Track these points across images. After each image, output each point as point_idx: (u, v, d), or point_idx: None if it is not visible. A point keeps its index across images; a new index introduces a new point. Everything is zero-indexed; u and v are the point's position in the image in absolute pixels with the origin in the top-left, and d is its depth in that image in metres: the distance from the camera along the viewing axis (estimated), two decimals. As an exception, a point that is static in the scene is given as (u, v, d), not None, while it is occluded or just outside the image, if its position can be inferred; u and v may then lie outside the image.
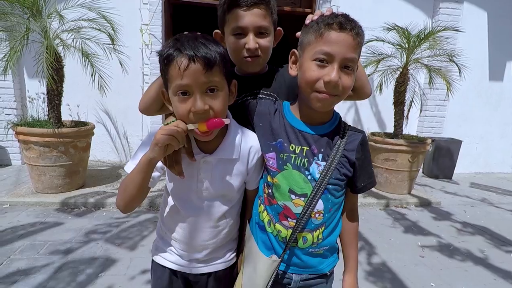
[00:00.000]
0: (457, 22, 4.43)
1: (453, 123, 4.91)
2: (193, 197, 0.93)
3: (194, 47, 0.76)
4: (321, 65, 0.82)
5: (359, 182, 0.96)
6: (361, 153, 0.93)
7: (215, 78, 0.79)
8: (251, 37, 0.99)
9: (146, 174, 0.83)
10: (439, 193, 4.06)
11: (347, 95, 0.88)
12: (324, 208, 0.91)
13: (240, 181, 0.95)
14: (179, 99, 0.80)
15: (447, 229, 3.05)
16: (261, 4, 0.98)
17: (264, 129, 0.96)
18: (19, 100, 4.07)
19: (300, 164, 0.91)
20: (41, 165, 3.01)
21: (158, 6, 4.06)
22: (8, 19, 2.79)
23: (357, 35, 0.81)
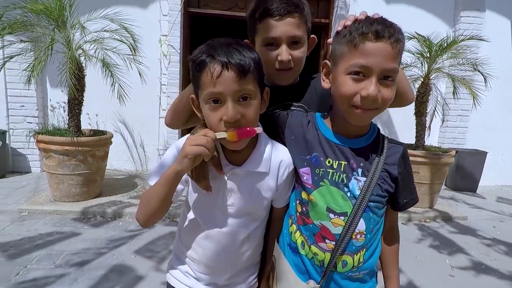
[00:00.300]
0: (479, 30, 4.30)
1: (476, 134, 4.73)
2: (217, 213, 0.86)
3: (228, 53, 0.72)
4: (357, 79, 0.75)
5: (401, 199, 0.88)
6: (403, 167, 0.86)
7: (248, 86, 0.74)
8: (284, 49, 0.93)
9: (172, 188, 0.78)
10: (464, 207, 3.87)
11: (386, 107, 0.80)
12: (366, 228, 0.83)
13: (269, 197, 0.88)
14: (210, 107, 0.75)
15: (476, 246, 2.88)
16: (294, 13, 0.91)
17: (297, 142, 0.89)
18: (41, 108, 4.16)
19: (338, 180, 0.83)
20: (60, 173, 3.03)
21: (177, 17, 4.12)
22: (35, 30, 2.87)
23: (397, 41, 0.73)
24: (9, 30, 2.74)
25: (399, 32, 0.75)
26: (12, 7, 2.82)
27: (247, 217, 0.87)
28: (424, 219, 3.45)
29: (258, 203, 0.87)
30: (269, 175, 0.86)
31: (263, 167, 0.84)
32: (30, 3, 2.76)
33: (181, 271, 0.94)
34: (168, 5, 4.13)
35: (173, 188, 0.79)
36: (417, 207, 3.62)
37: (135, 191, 3.59)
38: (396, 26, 0.75)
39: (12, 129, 4.09)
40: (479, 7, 4.41)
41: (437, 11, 4.48)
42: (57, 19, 2.84)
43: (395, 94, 0.79)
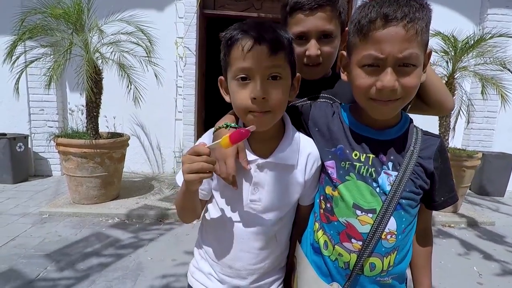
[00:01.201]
0: (508, 28, 4.09)
1: (503, 137, 4.50)
2: (243, 210, 0.81)
3: (261, 29, 0.70)
4: (371, 71, 0.68)
5: (438, 196, 0.80)
6: (439, 162, 0.78)
7: (279, 63, 0.71)
8: (313, 44, 0.90)
9: (191, 198, 0.78)
10: (491, 212, 3.68)
11: (413, 95, 0.72)
12: (397, 227, 0.75)
13: (297, 193, 0.83)
14: (238, 84, 0.72)
15: (505, 253, 2.72)
16: (326, 6, 0.88)
17: (321, 134, 0.83)
18: (61, 112, 4.24)
19: (366, 174, 0.76)
20: (79, 175, 3.06)
21: (193, 19, 4.11)
22: (54, 35, 2.91)
23: (412, 21, 0.64)
24: (29, 34, 2.79)
25: (418, 8, 0.66)
26: (33, 12, 2.87)
27: (274, 214, 0.82)
28: (449, 223, 3.30)
29: (286, 199, 0.82)
30: (297, 168, 0.81)
31: (291, 160, 0.80)
32: (50, 8, 2.80)
33: (204, 273, 0.90)
34: (184, 7, 4.13)
35: (192, 198, 0.78)
36: (441, 211, 3.47)
37: (151, 194, 3.59)
38: (414, 3, 0.66)
39: (34, 133, 4.18)
40: (508, 4, 4.19)
41: (463, 9, 4.30)
42: (76, 22, 2.87)
43: (421, 81, 0.71)
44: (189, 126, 4.37)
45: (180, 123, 4.39)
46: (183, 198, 0.78)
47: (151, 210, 3.13)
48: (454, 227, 3.26)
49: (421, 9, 0.66)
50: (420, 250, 0.85)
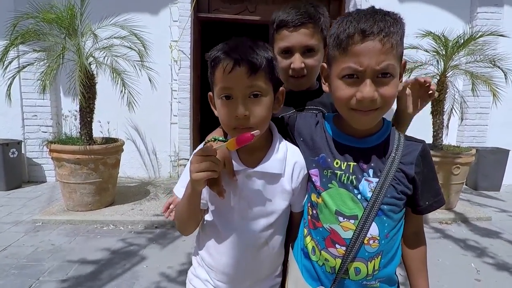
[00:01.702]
0: (497, 26, 4.13)
1: (496, 132, 4.56)
2: (234, 217, 0.85)
3: (241, 51, 0.74)
4: (351, 82, 0.72)
5: (422, 201, 0.81)
6: (421, 167, 0.80)
7: (259, 82, 0.75)
8: (297, 57, 0.99)
9: (194, 203, 0.81)
10: (487, 208, 3.71)
11: (391, 104, 0.75)
12: (379, 233, 0.77)
13: (285, 200, 0.86)
14: (222, 103, 0.78)
15: (503, 248, 2.73)
16: (308, 23, 0.97)
17: (306, 143, 0.87)
18: (55, 118, 4.20)
19: (347, 182, 0.79)
20: (72, 182, 3.02)
21: (187, 23, 4.12)
22: (46, 39, 2.89)
23: (388, 36, 0.68)
24: (22, 39, 2.77)
25: (392, 23, 0.69)
26: (25, 17, 2.85)
27: (263, 221, 0.85)
28: (446, 220, 3.31)
29: (275, 206, 0.85)
30: (284, 177, 0.85)
31: (278, 169, 0.84)
32: (42, 12, 2.78)
33: (201, 279, 0.92)
34: (178, 11, 4.14)
35: (197, 202, 0.81)
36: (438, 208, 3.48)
37: (147, 199, 3.56)
38: (388, 18, 0.70)
39: (27, 139, 4.14)
40: (497, 2, 4.27)
41: (453, 8, 4.37)
42: (68, 27, 2.86)
43: (399, 89, 0.75)
44: (185, 130, 4.36)
45: (176, 127, 4.37)
46: (187, 204, 0.80)
47: (147, 216, 3.10)
48: (451, 224, 3.27)
49: (395, 24, 0.70)
50: (413, 254, 0.87)
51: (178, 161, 4.39)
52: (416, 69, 3.67)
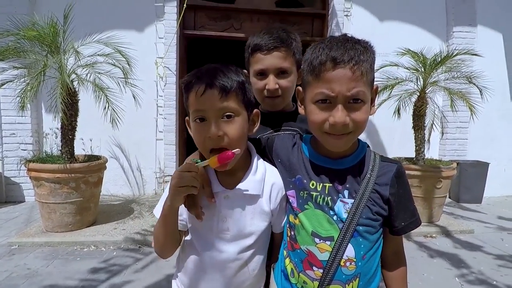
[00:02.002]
0: (472, 45, 4.36)
1: (477, 146, 4.71)
2: (213, 239, 0.85)
3: (212, 75, 0.78)
4: (324, 107, 0.74)
5: (398, 222, 0.82)
6: (396, 188, 0.81)
7: (231, 104, 0.78)
8: (271, 78, 1.04)
9: (172, 221, 0.81)
10: (470, 220, 3.78)
11: (363, 129, 0.77)
12: (355, 254, 0.77)
13: (264, 221, 0.87)
14: (196, 125, 0.80)
15: (485, 261, 2.77)
16: (281, 47, 1.03)
17: (283, 164, 0.88)
18: (35, 135, 4.08)
19: (323, 203, 0.79)
20: (52, 202, 2.92)
21: (173, 40, 4.14)
22: (27, 57, 2.84)
23: (358, 63, 0.71)
24: (1, 57, 2.71)
25: (362, 51, 0.72)
26: (5, 35, 2.80)
27: (242, 242, 0.85)
28: (431, 234, 3.34)
29: (254, 228, 0.86)
30: (263, 197, 0.86)
31: (256, 190, 0.84)
32: (23, 30, 2.74)
33: None
34: (164, 28, 4.17)
35: (174, 221, 0.81)
36: (422, 221, 3.50)
37: (131, 218, 3.47)
38: (358, 46, 0.73)
39: (6, 157, 4.00)
40: (470, 22, 4.49)
41: (431, 27, 4.56)
42: (51, 44, 2.82)
43: (371, 112, 0.78)
44: (171, 146, 4.32)
45: (161, 143, 4.32)
46: (165, 223, 0.80)
47: (130, 235, 3.01)
48: (436, 237, 3.31)
49: (365, 52, 0.73)
50: (393, 274, 0.87)
51: (164, 178, 4.32)
52: (397, 86, 3.78)
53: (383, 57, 4.25)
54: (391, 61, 3.73)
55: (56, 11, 2.93)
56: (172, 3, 4.15)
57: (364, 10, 4.41)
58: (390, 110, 3.79)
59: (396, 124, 4.00)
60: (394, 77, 3.80)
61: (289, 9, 4.56)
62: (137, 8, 4.12)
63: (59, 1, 3.15)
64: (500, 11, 4.56)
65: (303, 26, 4.60)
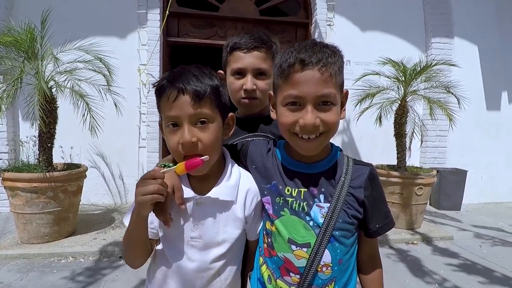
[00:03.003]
0: (449, 55, 4.52)
1: (455, 153, 4.84)
2: (184, 247, 0.82)
3: (185, 80, 0.75)
4: (293, 109, 0.75)
5: (373, 224, 0.82)
6: (370, 190, 0.81)
7: (204, 110, 0.76)
8: (249, 78, 1.01)
9: (141, 229, 0.78)
10: (449, 227, 3.86)
11: (334, 131, 0.77)
12: (332, 259, 0.77)
13: (237, 228, 0.84)
14: (169, 131, 0.78)
15: (465, 267, 2.83)
16: (261, 48, 1.01)
17: (258, 170, 0.87)
18: (12, 144, 3.95)
19: (299, 209, 0.79)
20: (28, 212, 2.81)
21: (156, 47, 4.11)
22: (3, 63, 2.76)
23: (326, 66, 0.72)
24: (-26, 63, 2.62)
25: (330, 54, 0.74)
26: (-20, 40, 2.71)
27: (215, 251, 0.83)
28: (412, 240, 3.39)
29: (227, 235, 0.83)
30: (236, 204, 0.84)
31: (229, 196, 0.82)
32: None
33: None
34: (147, 35, 4.14)
35: (143, 229, 0.78)
36: (403, 228, 3.59)
37: (111, 227, 3.38)
38: (326, 50, 0.74)
39: (-21, 165, 3.84)
40: (448, 33, 4.65)
41: (410, 38, 4.70)
42: (27, 50, 2.75)
43: (342, 116, 0.78)
44: (154, 154, 4.25)
45: (144, 151, 4.26)
46: (133, 231, 0.77)
47: (110, 245, 2.93)
48: (417, 244, 3.36)
49: (333, 55, 0.74)
50: (369, 277, 0.87)
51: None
52: (379, 94, 3.86)
53: (365, 65, 4.36)
54: (373, 70, 3.82)
55: (34, 17, 2.86)
56: (155, 10, 4.13)
57: (347, 20, 4.51)
58: (372, 118, 3.86)
59: (378, 132, 4.08)
60: (376, 86, 3.88)
61: (273, 18, 4.62)
62: (120, 15, 4.09)
63: (38, 7, 3.07)
64: (475, 24, 4.75)
65: (286, 35, 4.67)
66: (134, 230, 0.78)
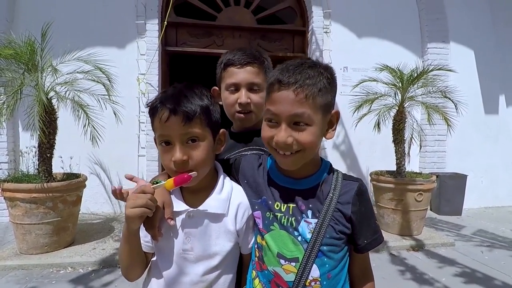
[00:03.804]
0: (446, 60, 4.56)
1: (455, 158, 4.83)
2: (176, 259, 0.84)
3: (176, 101, 0.78)
4: (271, 125, 0.78)
5: (361, 240, 0.83)
6: (358, 206, 0.82)
7: (194, 129, 0.79)
8: (243, 92, 1.04)
9: (133, 242, 0.80)
10: (450, 233, 3.84)
11: (314, 149, 0.79)
12: (320, 274, 0.78)
13: (229, 241, 0.86)
14: (162, 149, 0.82)
15: (466, 274, 2.80)
16: (254, 63, 1.05)
17: (249, 185, 0.89)
18: (12, 154, 3.97)
19: (287, 224, 0.80)
20: (27, 223, 2.82)
21: (155, 56, 4.16)
22: (3, 75, 2.80)
23: (302, 86, 0.73)
24: (-25, 76, 2.66)
25: (312, 76, 0.74)
26: (-20, 53, 2.75)
27: (207, 263, 0.84)
28: (413, 247, 3.37)
29: (218, 248, 0.85)
30: (228, 217, 0.85)
31: (221, 208, 0.84)
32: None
33: None
34: (146, 45, 4.19)
35: (135, 242, 0.80)
36: (404, 235, 3.57)
37: (111, 236, 3.38)
38: (310, 71, 0.75)
39: (-21, 176, 3.86)
40: (443, 39, 4.69)
41: (406, 44, 4.74)
42: (28, 62, 2.78)
43: (318, 138, 0.77)
44: (153, 162, 4.27)
45: (144, 159, 4.27)
46: (126, 244, 0.80)
47: (109, 255, 2.93)
48: (418, 251, 3.33)
49: (316, 77, 0.75)
50: None
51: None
52: (376, 100, 3.88)
53: (362, 72, 4.39)
54: (370, 76, 3.84)
55: (34, 29, 2.90)
56: (153, 21, 4.19)
57: (343, 27, 4.56)
58: (371, 124, 3.87)
59: (377, 138, 4.09)
60: (374, 92, 3.90)
61: (270, 26, 4.67)
62: (119, 25, 4.14)
63: (38, 19, 3.13)
64: (471, 28, 4.80)
65: (284, 42, 4.71)
66: (126, 243, 0.80)
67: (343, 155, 4.67)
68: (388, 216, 3.63)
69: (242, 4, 4.59)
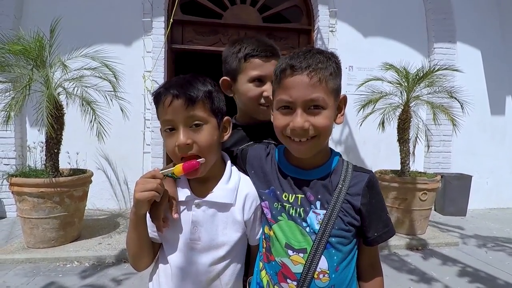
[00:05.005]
0: (452, 60, 4.53)
1: (460, 158, 4.80)
2: (184, 249, 0.84)
3: (179, 86, 0.80)
4: (285, 112, 0.77)
5: (371, 232, 0.81)
6: (368, 198, 0.80)
7: (198, 113, 0.80)
8: (269, 86, 0.99)
9: (140, 230, 0.81)
10: (454, 233, 3.82)
11: (328, 134, 0.79)
12: (328, 266, 0.77)
13: (237, 231, 0.86)
14: (166, 135, 0.82)
15: (470, 273, 2.80)
16: (277, 57, 1.02)
17: (257, 175, 0.88)
18: (19, 150, 4.02)
19: (295, 215, 0.80)
20: (34, 217, 2.85)
21: (161, 53, 4.18)
22: (12, 71, 2.83)
23: (315, 70, 0.74)
24: (-16, 71, 2.69)
25: (321, 61, 0.75)
26: (-10, 49, 2.79)
27: (214, 253, 0.84)
28: (417, 246, 3.37)
29: (226, 238, 0.85)
30: (235, 206, 0.85)
31: (228, 198, 0.84)
32: (8, 44, 2.74)
33: None
34: (152, 42, 4.21)
35: (142, 228, 0.81)
36: (408, 234, 3.57)
37: (116, 232, 3.41)
38: (319, 56, 0.76)
39: (-13, 171, 3.91)
40: (450, 39, 4.67)
41: (413, 43, 4.71)
42: (36, 58, 2.81)
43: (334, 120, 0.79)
44: (158, 159, 4.30)
45: (149, 156, 4.30)
46: (134, 231, 0.81)
47: (115, 250, 2.96)
48: (422, 250, 3.33)
49: (326, 61, 0.76)
50: (369, 285, 0.86)
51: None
52: (381, 99, 3.87)
53: (367, 71, 4.38)
54: (375, 75, 3.83)
55: (42, 25, 2.93)
56: (159, 18, 4.21)
57: (349, 26, 4.55)
58: (375, 123, 3.86)
59: (381, 137, 4.09)
60: (379, 91, 3.89)
61: (276, 25, 4.67)
62: (125, 23, 4.17)
63: (46, 15, 3.17)
64: (478, 29, 4.76)
65: (289, 41, 4.71)
66: (134, 230, 0.81)
67: (347, 153, 4.66)
68: (392, 215, 3.63)
69: (248, 3, 4.59)
